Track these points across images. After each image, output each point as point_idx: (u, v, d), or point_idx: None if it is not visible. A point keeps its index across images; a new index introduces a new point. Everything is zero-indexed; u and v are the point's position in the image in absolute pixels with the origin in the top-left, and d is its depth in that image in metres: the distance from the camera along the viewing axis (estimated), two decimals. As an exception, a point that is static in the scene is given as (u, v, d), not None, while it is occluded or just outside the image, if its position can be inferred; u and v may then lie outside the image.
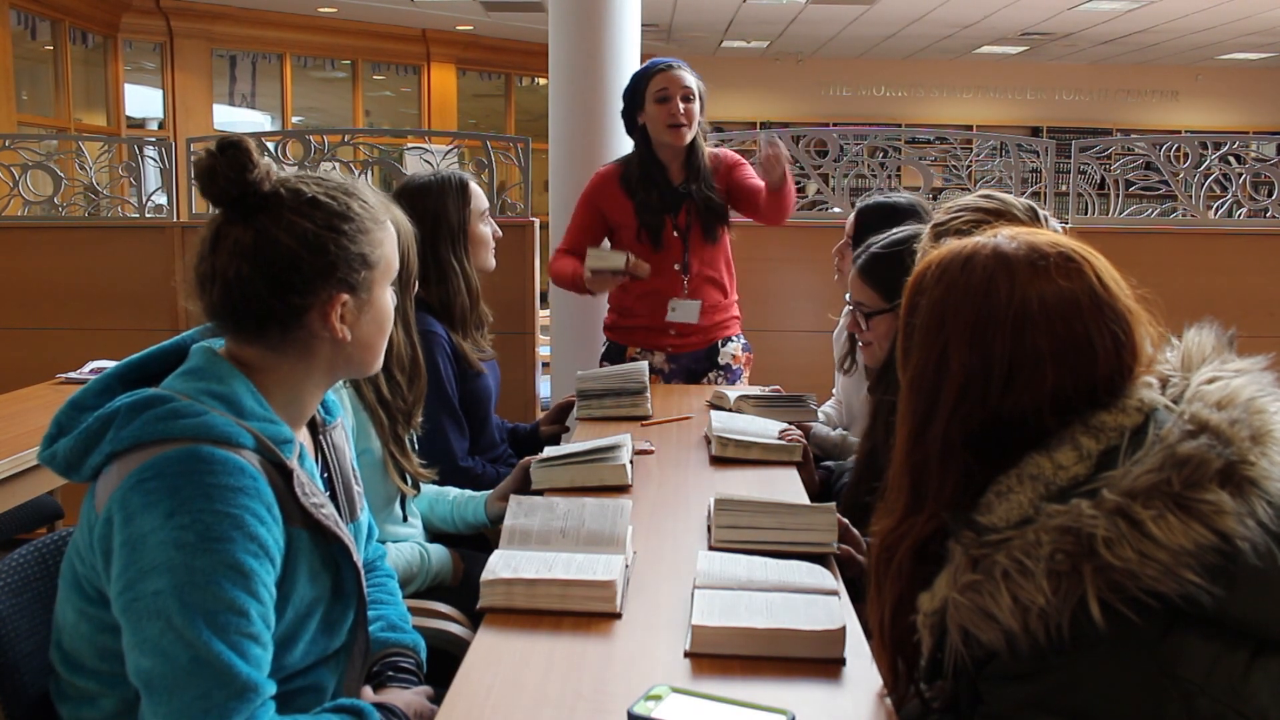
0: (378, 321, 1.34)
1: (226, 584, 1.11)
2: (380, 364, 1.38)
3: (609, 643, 1.41)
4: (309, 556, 1.25)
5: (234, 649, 1.11)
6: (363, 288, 1.29)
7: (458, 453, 2.36)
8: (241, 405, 1.22)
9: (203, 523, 1.11)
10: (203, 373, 1.23)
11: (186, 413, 1.17)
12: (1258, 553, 0.99)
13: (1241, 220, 4.22)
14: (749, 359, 3.31)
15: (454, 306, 2.40)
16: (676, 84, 3.07)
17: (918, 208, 2.60)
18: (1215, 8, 9.24)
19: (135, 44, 9.38)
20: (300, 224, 1.24)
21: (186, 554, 1.10)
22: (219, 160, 1.22)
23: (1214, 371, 1.12)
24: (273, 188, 1.25)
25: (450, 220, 2.41)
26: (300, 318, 1.25)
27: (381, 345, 1.36)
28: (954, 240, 1.21)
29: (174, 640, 1.09)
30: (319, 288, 1.25)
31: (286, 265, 1.23)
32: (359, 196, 1.31)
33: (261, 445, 1.20)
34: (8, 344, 4.11)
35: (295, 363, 1.28)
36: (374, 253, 1.30)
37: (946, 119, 12.52)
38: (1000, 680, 1.06)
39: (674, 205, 3.15)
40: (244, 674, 1.11)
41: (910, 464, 1.18)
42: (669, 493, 2.06)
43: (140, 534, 1.11)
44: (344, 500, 1.43)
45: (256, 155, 1.23)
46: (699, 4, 9.36)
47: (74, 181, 4.47)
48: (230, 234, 1.24)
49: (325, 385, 1.35)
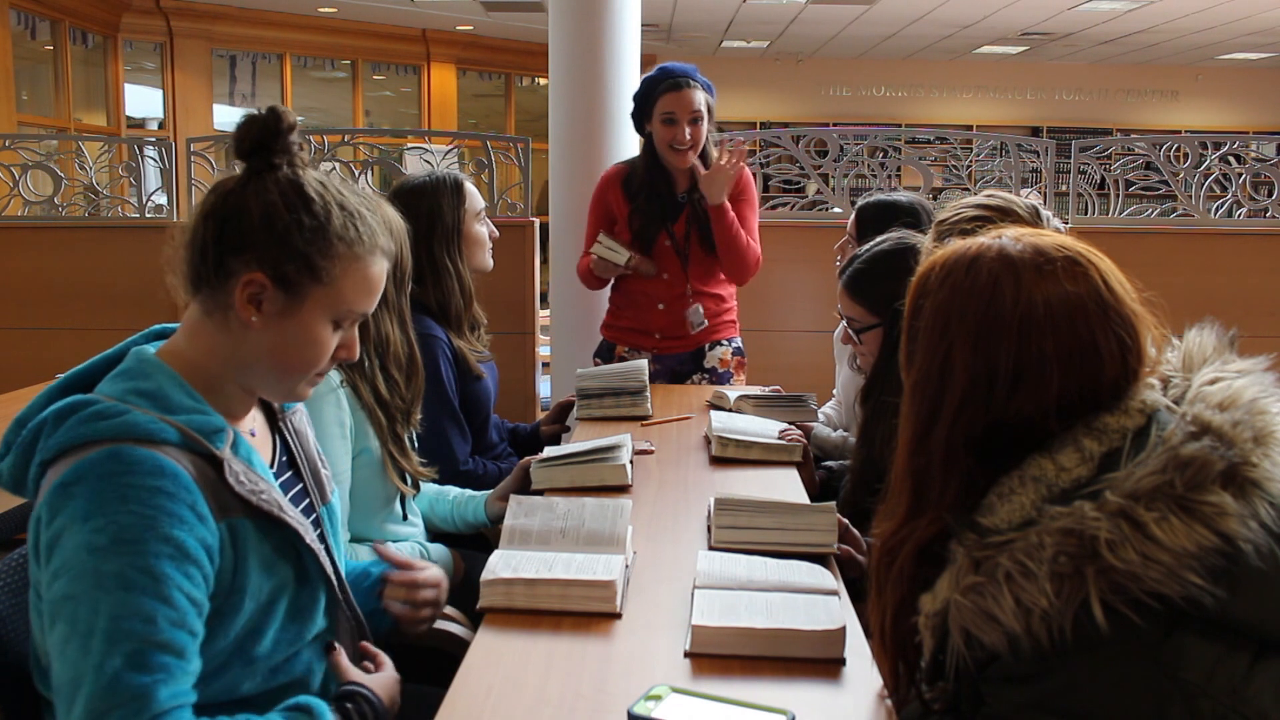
0: (295, 344, 1.25)
1: (135, 590, 1.09)
2: (278, 390, 1.32)
3: (609, 643, 1.40)
4: (258, 545, 1.22)
5: (132, 659, 1.07)
6: (292, 288, 1.23)
7: (459, 457, 2.36)
8: (168, 399, 1.20)
9: (116, 524, 1.10)
10: (131, 372, 1.22)
11: (109, 414, 1.16)
12: (1260, 554, 0.98)
13: (1241, 220, 4.22)
14: (740, 363, 3.30)
15: (449, 307, 2.40)
16: (685, 107, 3.04)
17: (918, 206, 2.60)
18: (1215, 8, 9.24)
19: (135, 44, 9.38)
20: (270, 194, 1.23)
21: (97, 558, 1.09)
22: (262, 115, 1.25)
23: (1216, 372, 1.12)
24: (284, 163, 1.25)
25: (445, 220, 2.41)
26: (226, 282, 1.23)
27: (292, 370, 1.28)
28: (958, 240, 1.20)
29: (78, 650, 1.07)
30: (248, 255, 1.22)
31: (235, 217, 1.23)
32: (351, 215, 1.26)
33: (187, 438, 1.18)
34: (8, 344, 4.11)
35: (222, 338, 1.25)
36: (324, 266, 1.24)
37: (946, 119, 12.52)
38: (1002, 682, 1.06)
39: (673, 214, 3.15)
40: (137, 686, 1.06)
41: (913, 467, 1.17)
42: (669, 493, 2.06)
43: (56, 536, 1.11)
44: (312, 484, 1.41)
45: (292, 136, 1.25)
46: (699, 4, 9.35)
47: (74, 181, 4.46)
48: (229, 183, 1.26)
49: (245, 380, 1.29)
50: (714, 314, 3.23)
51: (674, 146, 3.06)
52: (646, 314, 3.21)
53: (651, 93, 3.10)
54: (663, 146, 3.09)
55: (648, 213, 3.14)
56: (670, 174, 3.14)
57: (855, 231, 2.62)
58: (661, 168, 3.13)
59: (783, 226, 4.02)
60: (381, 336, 1.92)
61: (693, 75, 3.09)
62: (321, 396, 1.79)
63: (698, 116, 3.06)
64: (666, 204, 3.14)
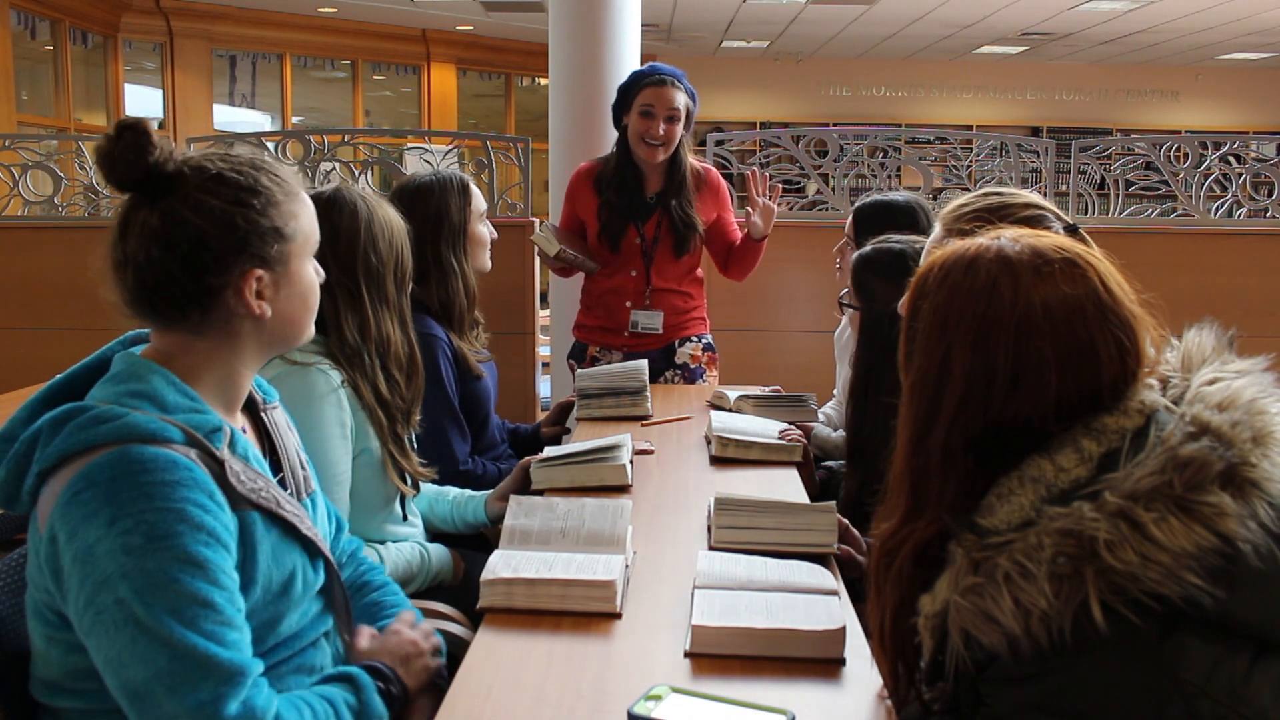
0: (301, 295, 1.31)
1: (185, 578, 1.10)
2: (309, 334, 1.36)
3: (609, 643, 1.40)
4: (269, 535, 1.24)
5: (210, 638, 1.10)
6: (278, 261, 1.27)
7: (459, 457, 2.36)
8: (164, 400, 1.20)
9: (147, 522, 1.10)
10: (122, 376, 1.22)
11: (108, 417, 1.15)
12: (1259, 555, 0.99)
13: (1241, 220, 4.22)
14: (711, 358, 3.30)
15: (453, 307, 2.40)
16: (664, 103, 3.04)
17: (915, 205, 2.60)
18: (1215, 8, 9.24)
19: (135, 44, 9.38)
20: (206, 201, 1.21)
21: (137, 557, 1.09)
22: (117, 144, 1.20)
23: (1214, 372, 1.12)
24: (176, 168, 1.22)
25: (453, 220, 2.41)
26: (217, 298, 1.23)
27: (306, 318, 1.34)
28: (958, 241, 1.20)
29: (148, 644, 1.08)
30: (232, 264, 1.23)
31: (196, 244, 1.21)
32: (268, 170, 1.28)
33: (189, 437, 1.18)
34: (8, 344, 4.11)
35: (220, 344, 1.26)
36: (287, 225, 1.27)
37: (946, 119, 12.52)
38: (1001, 682, 1.06)
39: (642, 214, 3.14)
40: (226, 660, 1.10)
41: (911, 468, 1.17)
42: (669, 493, 2.06)
43: (88, 546, 1.10)
44: (291, 479, 1.42)
45: (156, 137, 1.21)
46: (699, 4, 9.36)
47: (74, 181, 4.47)
48: (138, 218, 1.22)
49: (256, 364, 1.33)
50: (681, 311, 3.22)
51: (646, 140, 3.05)
52: (615, 313, 3.20)
53: (634, 85, 3.11)
54: (635, 139, 3.08)
55: (615, 207, 3.13)
56: (641, 171, 3.13)
57: (853, 233, 2.62)
58: (633, 164, 3.13)
59: (783, 226, 4.01)
60: (382, 336, 1.92)
61: (679, 78, 3.10)
62: (322, 396, 1.79)
63: (675, 115, 3.05)
64: (635, 201, 3.14)
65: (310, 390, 1.77)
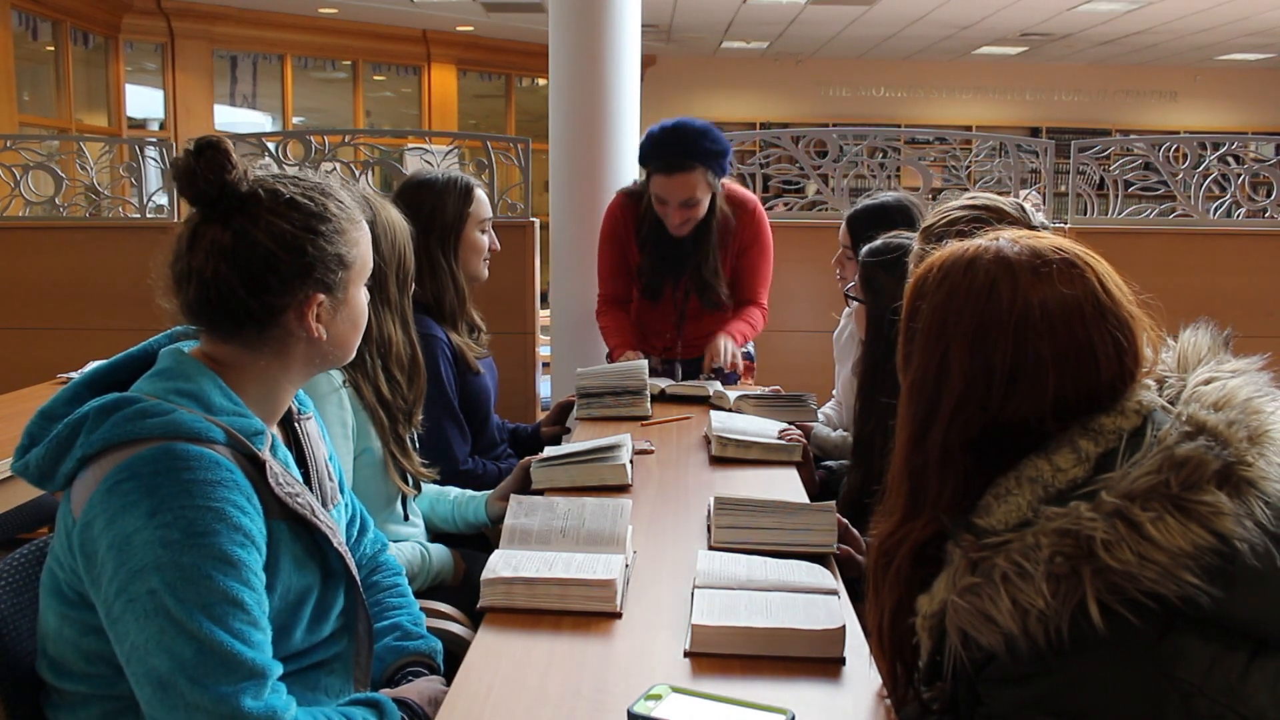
0: (352, 319, 1.36)
1: (218, 576, 1.12)
2: (353, 355, 1.40)
3: (609, 642, 1.41)
4: (291, 547, 1.26)
5: (236, 636, 1.12)
6: (339, 287, 1.31)
7: (459, 457, 2.37)
8: (210, 401, 1.22)
9: (186, 519, 1.12)
10: (170, 373, 1.24)
11: (155, 412, 1.17)
12: (1256, 553, 0.99)
13: (1240, 220, 4.22)
14: (749, 366, 3.31)
15: (443, 303, 2.40)
16: (675, 195, 2.95)
17: (906, 204, 2.57)
18: (1215, 8, 9.24)
19: (136, 45, 9.38)
20: (278, 225, 1.25)
21: (174, 551, 1.11)
22: (197, 162, 1.23)
23: (1210, 372, 1.12)
24: (250, 188, 1.26)
25: (445, 218, 2.42)
26: (277, 317, 1.26)
27: (355, 341, 1.38)
28: (954, 242, 1.21)
29: (176, 636, 1.10)
30: (296, 288, 1.26)
31: (264, 266, 1.24)
32: (335, 197, 1.32)
33: (232, 439, 1.21)
34: (8, 344, 4.11)
35: (270, 360, 1.29)
36: (350, 253, 1.31)
37: (946, 119, 12.51)
38: (999, 682, 1.06)
39: (676, 268, 3.11)
40: (250, 659, 1.12)
41: (909, 468, 1.18)
42: (669, 493, 2.06)
43: (125, 536, 1.12)
44: (318, 489, 1.43)
45: (235, 156, 1.24)
46: (699, 4, 9.35)
47: (75, 182, 4.47)
48: (208, 234, 1.25)
49: (301, 380, 1.36)
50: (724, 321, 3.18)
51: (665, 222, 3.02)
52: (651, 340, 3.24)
53: (648, 158, 3.00)
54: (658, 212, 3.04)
55: (652, 267, 3.12)
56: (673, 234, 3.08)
57: (849, 241, 2.59)
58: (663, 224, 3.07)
59: (783, 227, 4.02)
60: (384, 337, 1.93)
61: (690, 154, 2.90)
62: (324, 396, 1.80)
63: (691, 201, 2.96)
64: (670, 259, 3.11)
65: (312, 390, 1.77)
